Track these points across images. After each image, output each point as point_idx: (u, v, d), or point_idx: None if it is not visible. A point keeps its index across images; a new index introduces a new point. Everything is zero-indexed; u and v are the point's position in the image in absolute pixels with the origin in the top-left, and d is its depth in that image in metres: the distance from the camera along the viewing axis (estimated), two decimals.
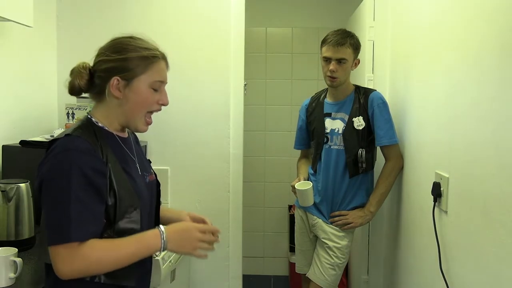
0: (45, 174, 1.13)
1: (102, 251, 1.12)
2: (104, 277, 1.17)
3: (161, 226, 1.22)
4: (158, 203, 1.42)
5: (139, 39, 1.27)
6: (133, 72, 1.22)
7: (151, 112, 1.29)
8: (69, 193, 1.09)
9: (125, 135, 1.33)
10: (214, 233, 1.29)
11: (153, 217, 1.37)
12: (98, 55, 1.25)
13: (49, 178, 1.12)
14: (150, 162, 1.45)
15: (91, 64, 1.26)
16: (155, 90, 1.26)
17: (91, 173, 1.12)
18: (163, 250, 1.20)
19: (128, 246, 1.15)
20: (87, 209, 1.11)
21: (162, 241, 1.18)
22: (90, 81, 1.24)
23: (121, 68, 1.21)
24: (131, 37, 1.27)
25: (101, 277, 1.16)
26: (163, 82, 1.28)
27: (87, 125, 1.23)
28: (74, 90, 1.24)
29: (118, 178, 1.19)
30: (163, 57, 1.29)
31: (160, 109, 1.30)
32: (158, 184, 1.42)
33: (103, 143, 1.20)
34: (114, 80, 1.21)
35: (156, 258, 1.87)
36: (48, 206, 1.12)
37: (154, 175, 1.40)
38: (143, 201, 1.25)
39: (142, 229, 1.23)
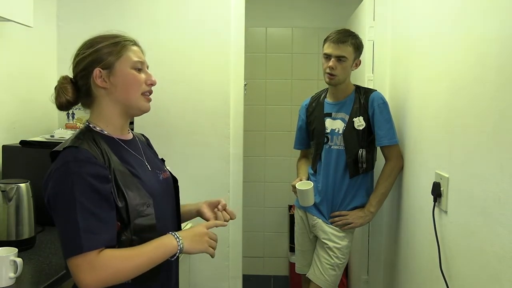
0: (50, 190, 1.14)
1: (121, 261, 1.12)
2: (131, 280, 1.17)
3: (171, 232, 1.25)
4: (178, 198, 1.42)
5: (108, 33, 1.29)
6: (111, 59, 1.23)
7: (145, 94, 1.29)
8: (75, 204, 1.09)
9: (128, 137, 1.33)
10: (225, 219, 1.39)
11: (172, 213, 1.37)
12: (73, 60, 1.27)
13: (54, 193, 1.13)
14: (164, 161, 1.45)
15: (70, 75, 1.28)
16: (139, 70, 1.27)
17: (94, 181, 1.12)
18: (180, 251, 1.21)
19: (146, 252, 1.16)
20: (95, 217, 1.11)
21: (178, 240, 1.20)
22: (75, 91, 1.26)
23: (97, 59, 1.23)
24: (100, 34, 1.29)
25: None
26: (143, 62, 1.29)
27: (85, 132, 1.23)
28: (62, 105, 1.26)
29: (124, 181, 1.19)
30: (135, 43, 1.30)
31: (151, 91, 1.30)
32: (175, 180, 1.42)
33: (104, 147, 1.21)
34: (96, 71, 1.22)
35: None
36: (58, 220, 1.13)
37: (168, 173, 1.40)
38: (155, 198, 1.24)
39: (164, 225, 1.25)
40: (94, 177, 1.12)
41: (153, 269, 1.18)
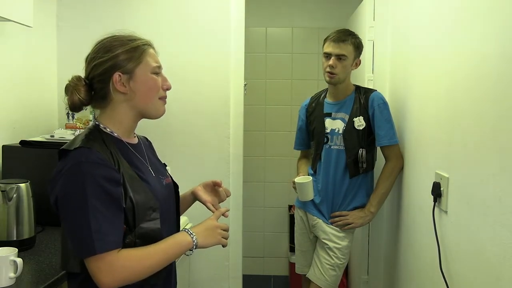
0: (60, 189, 1.13)
1: (138, 260, 1.14)
2: None
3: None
4: (178, 204, 1.42)
5: (122, 35, 1.28)
6: (131, 64, 1.23)
7: (162, 99, 1.30)
8: (87, 205, 1.09)
9: (135, 141, 1.33)
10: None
11: (174, 218, 1.38)
12: (89, 63, 1.25)
13: (64, 193, 1.12)
14: (166, 165, 1.46)
15: (83, 75, 1.26)
16: (157, 75, 1.27)
17: (106, 183, 1.12)
18: (195, 247, 1.22)
19: (161, 250, 1.18)
20: (106, 219, 1.11)
21: (192, 236, 1.22)
22: (88, 92, 1.24)
23: (117, 64, 1.22)
24: (114, 35, 1.27)
25: None
26: (160, 66, 1.29)
27: (95, 132, 1.22)
28: (75, 106, 1.24)
29: (132, 184, 1.19)
30: (150, 44, 1.30)
31: (166, 96, 1.31)
32: (175, 186, 1.42)
33: (113, 149, 1.20)
34: (116, 76, 1.21)
35: None
36: (68, 220, 1.13)
37: (170, 178, 1.40)
38: (160, 203, 1.25)
39: (169, 230, 1.26)
40: (107, 180, 1.12)
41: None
